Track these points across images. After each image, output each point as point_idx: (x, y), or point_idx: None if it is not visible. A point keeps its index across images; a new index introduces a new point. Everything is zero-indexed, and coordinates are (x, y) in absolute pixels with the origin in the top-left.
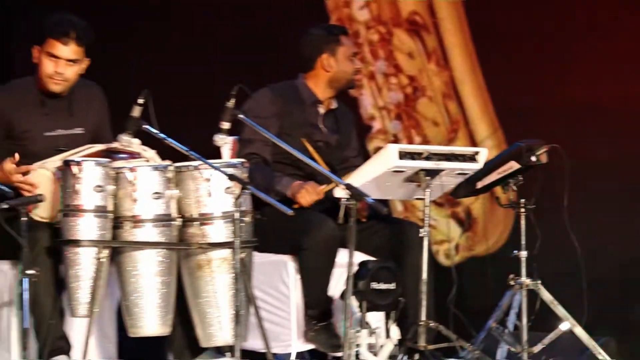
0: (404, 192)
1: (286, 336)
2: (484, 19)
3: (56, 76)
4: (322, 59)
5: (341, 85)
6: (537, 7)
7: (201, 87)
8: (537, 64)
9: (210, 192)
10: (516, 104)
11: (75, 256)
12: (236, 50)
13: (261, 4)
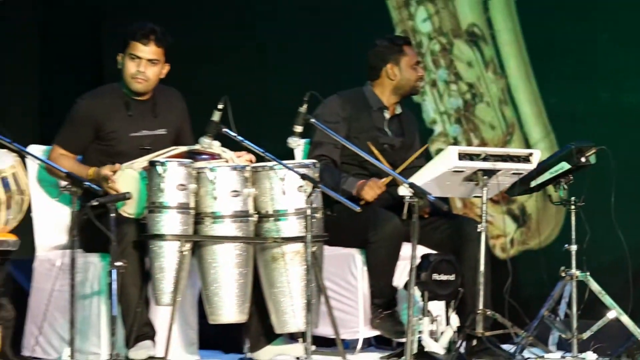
0: (463, 190)
1: (354, 323)
2: (538, 31)
3: (138, 75)
4: (387, 69)
5: (405, 92)
6: (588, 19)
7: (275, 93)
8: (587, 72)
9: (284, 190)
10: (567, 110)
11: (159, 249)
12: (308, 60)
13: (332, 17)
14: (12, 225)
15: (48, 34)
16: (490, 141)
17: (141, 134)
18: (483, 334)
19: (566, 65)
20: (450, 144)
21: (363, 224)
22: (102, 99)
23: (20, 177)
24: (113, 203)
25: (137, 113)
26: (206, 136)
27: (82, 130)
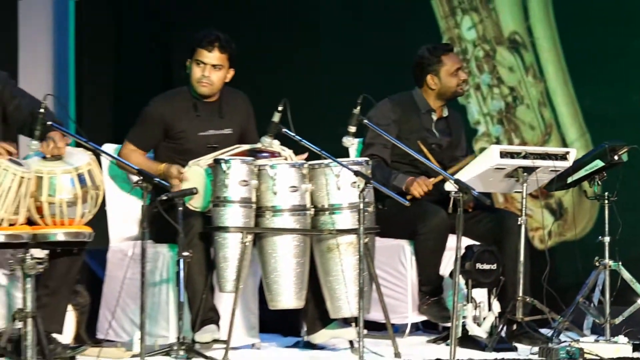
0: (504, 186)
1: (403, 309)
2: (575, 39)
3: (203, 80)
4: (427, 79)
5: (447, 97)
6: (621, 28)
7: (331, 97)
8: (620, 76)
9: (338, 186)
10: (601, 112)
11: (223, 240)
12: (361, 66)
13: (383, 27)
14: (87, 218)
15: (122, 41)
16: (530, 140)
17: (208, 133)
18: (522, 319)
19: (600, 71)
20: (493, 143)
21: (412, 217)
22: (172, 101)
23: (95, 174)
24: (181, 197)
25: (205, 114)
26: (267, 136)
27: (152, 129)
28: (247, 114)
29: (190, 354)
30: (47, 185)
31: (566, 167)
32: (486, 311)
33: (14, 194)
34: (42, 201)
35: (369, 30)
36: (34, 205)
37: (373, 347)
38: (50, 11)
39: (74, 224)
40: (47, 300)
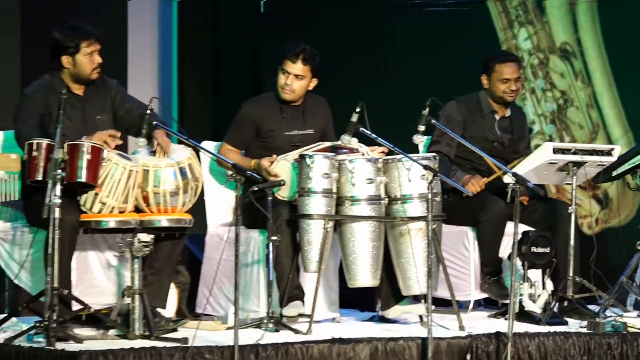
0: (556, 178)
1: (466, 287)
2: (619, 49)
3: (286, 87)
4: (482, 78)
5: (495, 100)
6: None
7: (403, 99)
8: None
9: (409, 178)
10: None
11: (307, 226)
12: (430, 72)
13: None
14: (188, 206)
15: (219, 48)
16: (579, 138)
17: (293, 133)
18: (573, 297)
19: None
20: (546, 141)
21: (474, 207)
22: (261, 104)
23: (195, 167)
24: (270, 188)
25: (290, 116)
26: (346, 134)
27: (245, 130)
28: (327, 117)
29: (278, 326)
30: (153, 177)
31: (611, 162)
32: (540, 289)
33: (124, 185)
34: (148, 191)
35: (437, 41)
36: (141, 195)
37: (440, 321)
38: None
39: (176, 212)
40: (153, 279)
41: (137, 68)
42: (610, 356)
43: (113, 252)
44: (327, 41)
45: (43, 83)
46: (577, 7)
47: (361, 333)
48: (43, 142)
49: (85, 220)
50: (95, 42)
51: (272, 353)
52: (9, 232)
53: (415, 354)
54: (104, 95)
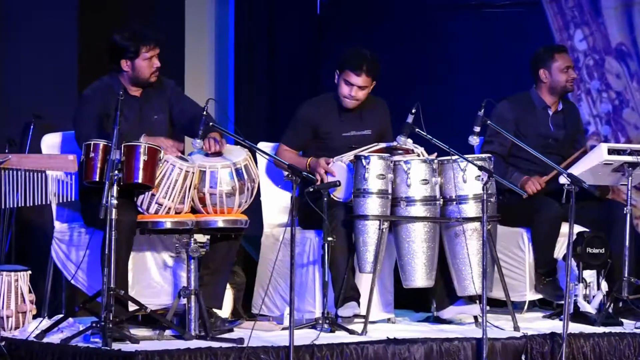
0: (612, 179)
1: (521, 288)
2: None
3: (350, 98)
4: (540, 73)
5: (557, 92)
6: None
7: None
8: None
9: (465, 179)
10: None
11: (363, 227)
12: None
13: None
14: (244, 207)
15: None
16: (635, 139)
17: (350, 134)
18: (628, 297)
19: None
20: (602, 142)
21: (529, 208)
22: (319, 106)
23: (251, 168)
24: (326, 189)
25: (347, 117)
26: (402, 135)
27: (302, 131)
28: (384, 118)
29: (334, 327)
30: (209, 178)
31: None
32: (595, 290)
33: (180, 186)
34: (205, 192)
35: (493, 42)
36: (197, 196)
37: (495, 322)
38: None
39: (232, 213)
40: (209, 279)
41: (194, 69)
42: None
43: (169, 253)
44: (383, 42)
45: (101, 85)
46: (633, 8)
47: (416, 334)
48: (100, 143)
49: (142, 221)
50: (154, 46)
51: (327, 353)
52: (66, 233)
53: (470, 355)
54: (161, 96)
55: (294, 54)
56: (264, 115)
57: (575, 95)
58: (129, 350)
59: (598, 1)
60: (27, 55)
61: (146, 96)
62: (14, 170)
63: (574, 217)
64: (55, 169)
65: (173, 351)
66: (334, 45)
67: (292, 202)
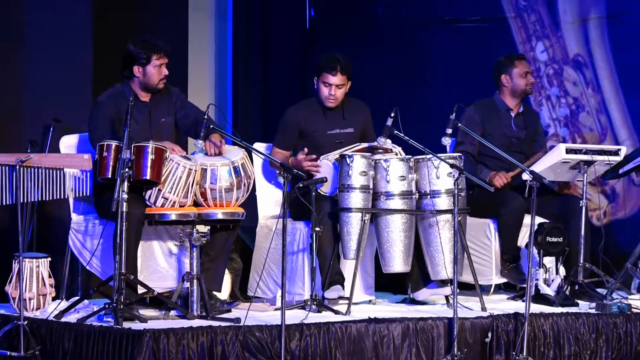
0: (569, 175)
1: (488, 273)
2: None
3: (330, 97)
4: (502, 78)
5: (518, 95)
6: None
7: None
8: None
9: (438, 175)
10: None
11: (347, 218)
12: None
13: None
14: (241, 201)
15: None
16: (589, 140)
17: (335, 132)
18: (583, 281)
19: None
20: (560, 142)
21: (495, 201)
22: (304, 109)
23: (247, 166)
24: (314, 185)
25: (331, 117)
26: (382, 136)
27: (290, 133)
28: (366, 118)
29: (321, 307)
30: (210, 175)
31: (618, 160)
32: (554, 275)
33: (184, 182)
34: (206, 188)
35: (464, 52)
36: (199, 191)
37: (464, 303)
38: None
39: (230, 206)
40: (209, 265)
41: (196, 77)
42: (616, 334)
43: (174, 242)
44: (366, 54)
45: (114, 91)
46: (588, 23)
47: (394, 314)
48: (113, 144)
49: (150, 214)
50: (164, 56)
51: (315, 331)
52: (81, 224)
53: (442, 332)
54: (167, 101)
55: (285, 64)
56: (258, 118)
57: (537, 100)
58: (138, 329)
59: (557, 16)
60: (46, 65)
61: (155, 101)
62: (35, 168)
63: (536, 210)
64: (72, 167)
65: (177, 329)
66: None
67: (284, 197)
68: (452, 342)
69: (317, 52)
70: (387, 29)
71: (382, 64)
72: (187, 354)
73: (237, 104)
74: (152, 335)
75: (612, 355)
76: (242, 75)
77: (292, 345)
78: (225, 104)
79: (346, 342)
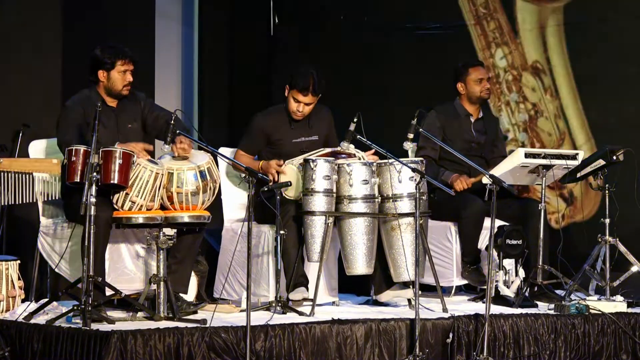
0: (528, 179)
1: (449, 275)
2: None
3: (298, 112)
4: (458, 86)
5: (474, 101)
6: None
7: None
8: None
9: (400, 179)
10: (603, 122)
11: (311, 222)
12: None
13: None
14: (207, 204)
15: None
16: (548, 144)
17: (300, 140)
18: (542, 283)
19: (602, 90)
20: (519, 147)
21: (456, 205)
22: (271, 116)
23: (213, 170)
24: (278, 189)
25: (297, 125)
26: (345, 141)
27: (257, 139)
28: (329, 123)
29: (285, 309)
30: (176, 179)
31: (576, 165)
32: (514, 276)
33: (151, 186)
34: (172, 191)
35: (426, 59)
36: (165, 195)
37: (426, 304)
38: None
39: (197, 209)
40: (176, 267)
41: (163, 83)
42: (574, 334)
43: (141, 244)
44: (329, 59)
45: (82, 96)
46: (546, 30)
47: (357, 315)
48: (81, 148)
49: (117, 217)
50: (129, 62)
51: (280, 332)
52: (50, 227)
53: (404, 333)
54: (134, 106)
55: (250, 70)
56: (224, 123)
57: (496, 106)
58: (105, 330)
59: (516, 24)
60: (15, 71)
61: (122, 107)
62: (4, 173)
63: (495, 213)
64: (41, 171)
65: (144, 330)
66: (285, 62)
67: (249, 200)
68: (414, 342)
69: (281, 58)
70: (350, 36)
71: (344, 70)
72: (154, 355)
73: (203, 110)
74: (120, 336)
75: (570, 355)
76: (208, 81)
77: (257, 346)
78: (191, 109)
79: (310, 342)
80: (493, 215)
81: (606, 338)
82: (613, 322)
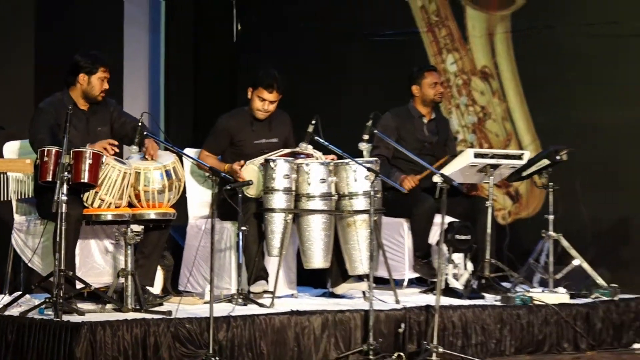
0: (477, 178)
1: (402, 268)
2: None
3: (263, 111)
4: (413, 88)
5: (428, 103)
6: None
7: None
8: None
9: (356, 178)
10: (548, 124)
11: (271, 218)
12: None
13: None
14: (172, 202)
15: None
16: (496, 145)
17: (261, 142)
18: (489, 276)
19: (547, 94)
20: (468, 147)
21: (409, 202)
22: (235, 118)
23: (178, 170)
24: (240, 187)
25: (258, 128)
26: (303, 142)
27: (221, 140)
28: (289, 128)
29: (246, 301)
30: (143, 178)
31: (522, 164)
32: (462, 270)
33: (119, 185)
34: (140, 190)
35: (380, 64)
36: (133, 193)
37: (379, 296)
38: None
39: (163, 207)
40: (143, 262)
41: (131, 86)
42: (519, 324)
43: (110, 240)
44: (289, 64)
45: (54, 99)
46: (495, 37)
47: (315, 306)
48: (53, 149)
49: (87, 214)
50: (108, 70)
51: (241, 323)
52: (23, 224)
53: (359, 323)
54: (105, 111)
55: (214, 75)
56: (189, 125)
57: (447, 108)
58: (76, 321)
59: (466, 31)
60: None
61: (92, 110)
62: None
63: (446, 210)
64: (15, 170)
65: (113, 322)
66: (247, 67)
67: (212, 198)
68: (368, 332)
69: (243, 63)
70: (310, 42)
71: (304, 74)
72: (122, 345)
73: (169, 112)
74: (90, 327)
75: (515, 344)
76: (174, 84)
77: (220, 336)
78: (158, 112)
79: (270, 333)
80: (443, 212)
81: (549, 328)
82: (556, 313)
